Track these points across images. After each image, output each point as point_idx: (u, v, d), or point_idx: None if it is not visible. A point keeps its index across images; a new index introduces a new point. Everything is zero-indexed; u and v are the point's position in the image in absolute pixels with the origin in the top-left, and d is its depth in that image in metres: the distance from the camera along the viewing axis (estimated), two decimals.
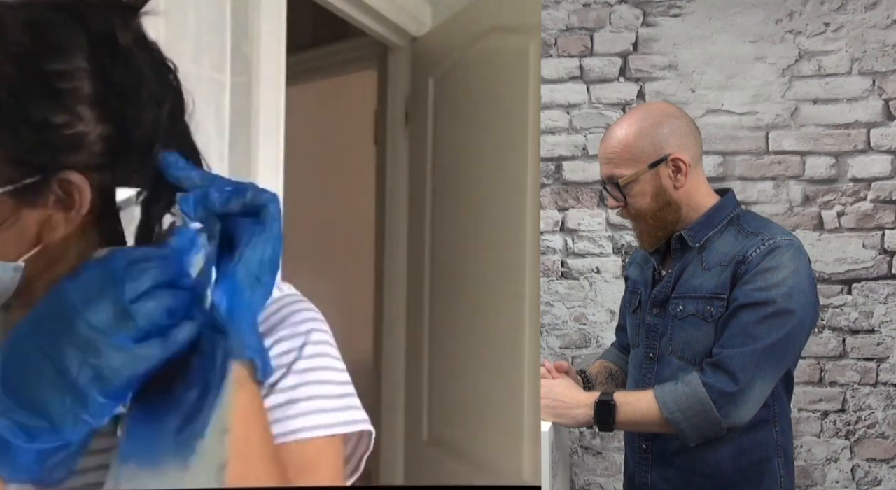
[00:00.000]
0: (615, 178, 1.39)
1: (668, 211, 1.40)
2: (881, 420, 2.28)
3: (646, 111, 1.46)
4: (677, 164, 1.38)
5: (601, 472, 2.42)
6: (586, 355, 2.39)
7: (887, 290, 2.27)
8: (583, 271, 2.43)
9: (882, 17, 2.28)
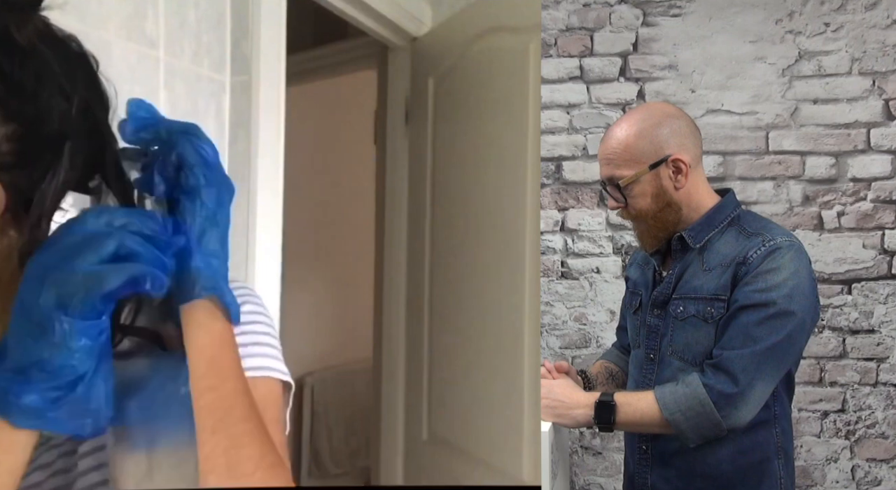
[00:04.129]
0: (615, 180, 1.39)
1: (668, 212, 1.40)
2: (881, 420, 2.28)
3: (646, 112, 1.46)
4: (677, 165, 1.38)
5: (601, 472, 2.42)
6: (586, 355, 2.40)
7: (887, 290, 2.27)
8: (583, 271, 2.43)
9: (882, 17, 2.28)
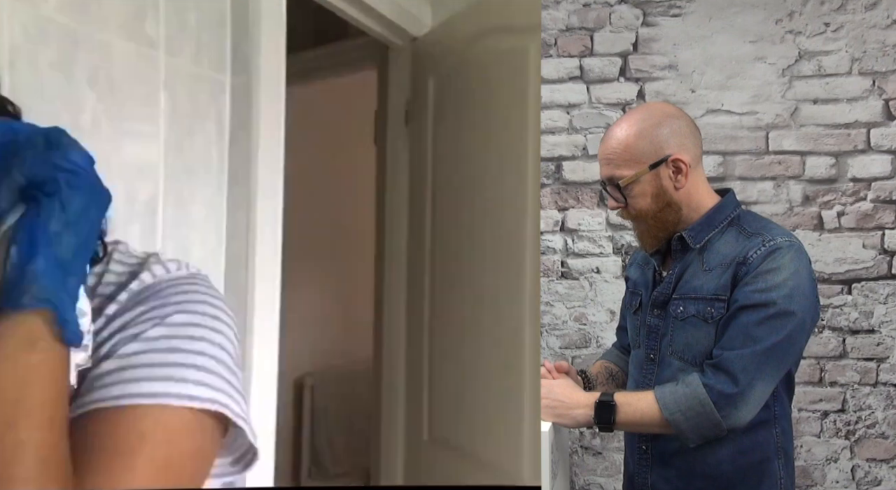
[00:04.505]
0: (615, 179, 1.39)
1: (668, 212, 1.40)
2: (881, 420, 2.28)
3: (646, 112, 1.46)
4: (678, 165, 1.37)
5: (601, 472, 2.42)
6: (586, 355, 2.39)
7: (887, 290, 2.27)
8: (583, 271, 2.43)
9: (882, 17, 2.27)
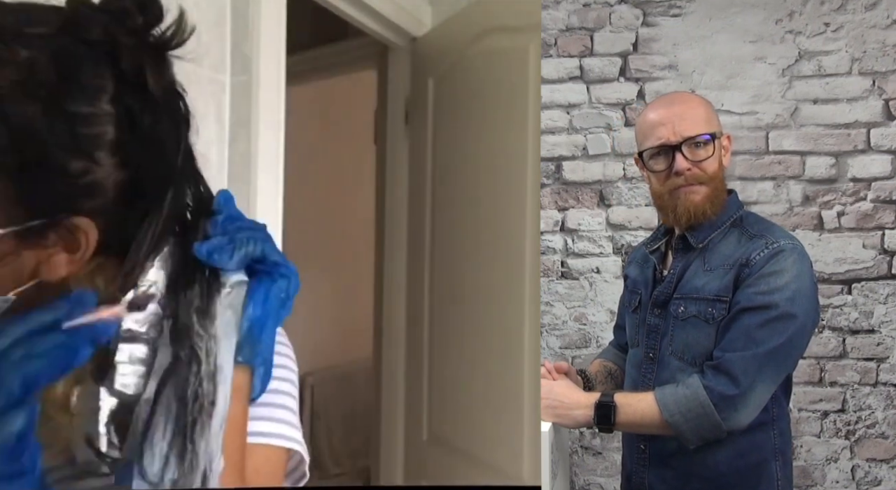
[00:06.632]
0: (695, 137, 1.35)
1: (722, 186, 1.40)
2: (881, 420, 2.28)
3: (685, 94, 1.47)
4: (724, 144, 1.39)
5: (601, 472, 2.42)
6: (586, 355, 2.39)
7: (887, 290, 2.27)
8: (583, 271, 2.43)
9: (882, 17, 2.27)
